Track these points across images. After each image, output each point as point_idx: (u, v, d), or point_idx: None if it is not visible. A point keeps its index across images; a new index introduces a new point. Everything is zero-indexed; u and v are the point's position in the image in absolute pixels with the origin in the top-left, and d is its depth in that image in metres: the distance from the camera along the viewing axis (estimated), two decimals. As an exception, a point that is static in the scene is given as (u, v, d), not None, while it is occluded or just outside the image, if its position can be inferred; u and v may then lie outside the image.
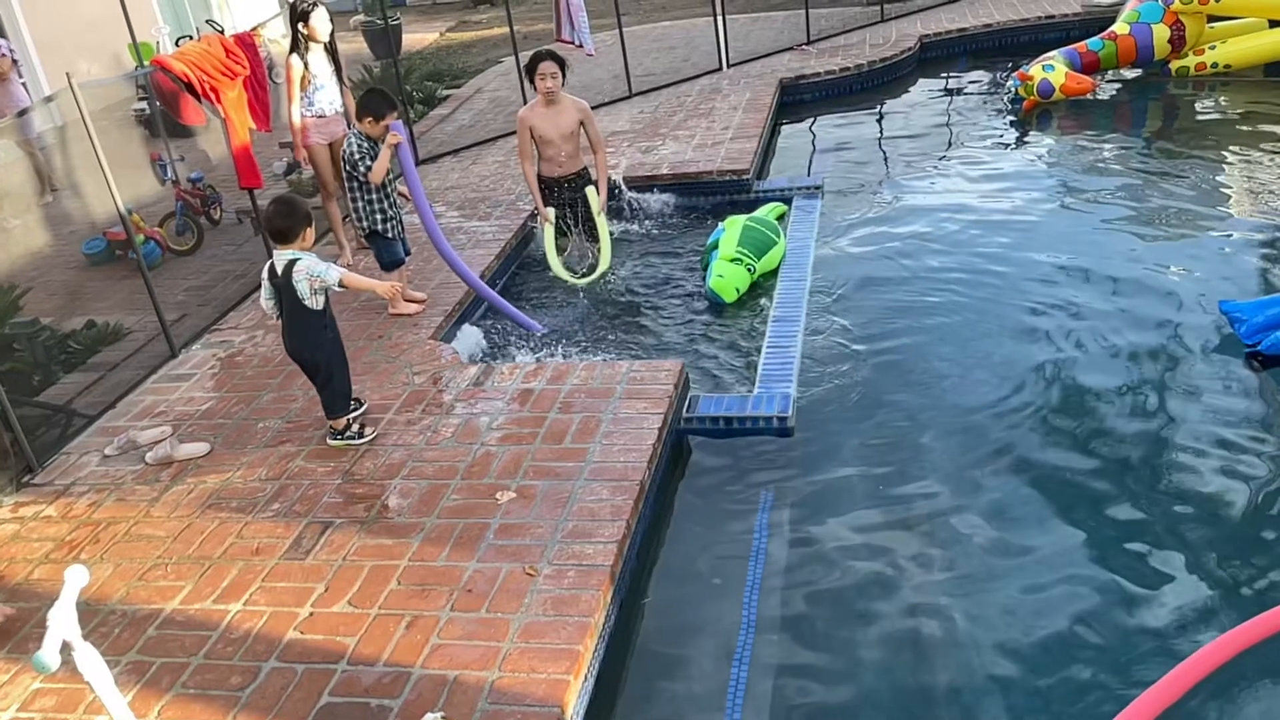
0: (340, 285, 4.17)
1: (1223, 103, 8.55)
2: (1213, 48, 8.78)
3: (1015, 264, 5.95)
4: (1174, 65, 8.90)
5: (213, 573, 3.68)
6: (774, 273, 6.11)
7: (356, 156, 5.30)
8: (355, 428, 4.44)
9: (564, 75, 6.14)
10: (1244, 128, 7.88)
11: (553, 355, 5.37)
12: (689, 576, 3.80)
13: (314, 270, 4.12)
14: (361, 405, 4.57)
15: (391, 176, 5.46)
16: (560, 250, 6.48)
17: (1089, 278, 5.64)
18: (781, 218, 6.90)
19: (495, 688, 2.99)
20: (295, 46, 6.14)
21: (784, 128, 9.29)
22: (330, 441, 4.43)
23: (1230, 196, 6.67)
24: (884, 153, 8.33)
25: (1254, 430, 4.24)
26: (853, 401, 4.76)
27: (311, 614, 3.40)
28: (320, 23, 6.09)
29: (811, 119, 9.46)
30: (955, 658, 3.28)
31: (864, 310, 5.62)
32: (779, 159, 8.57)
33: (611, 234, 6.64)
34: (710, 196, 7.51)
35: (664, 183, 7.54)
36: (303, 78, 6.11)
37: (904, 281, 5.93)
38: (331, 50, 6.27)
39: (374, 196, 5.39)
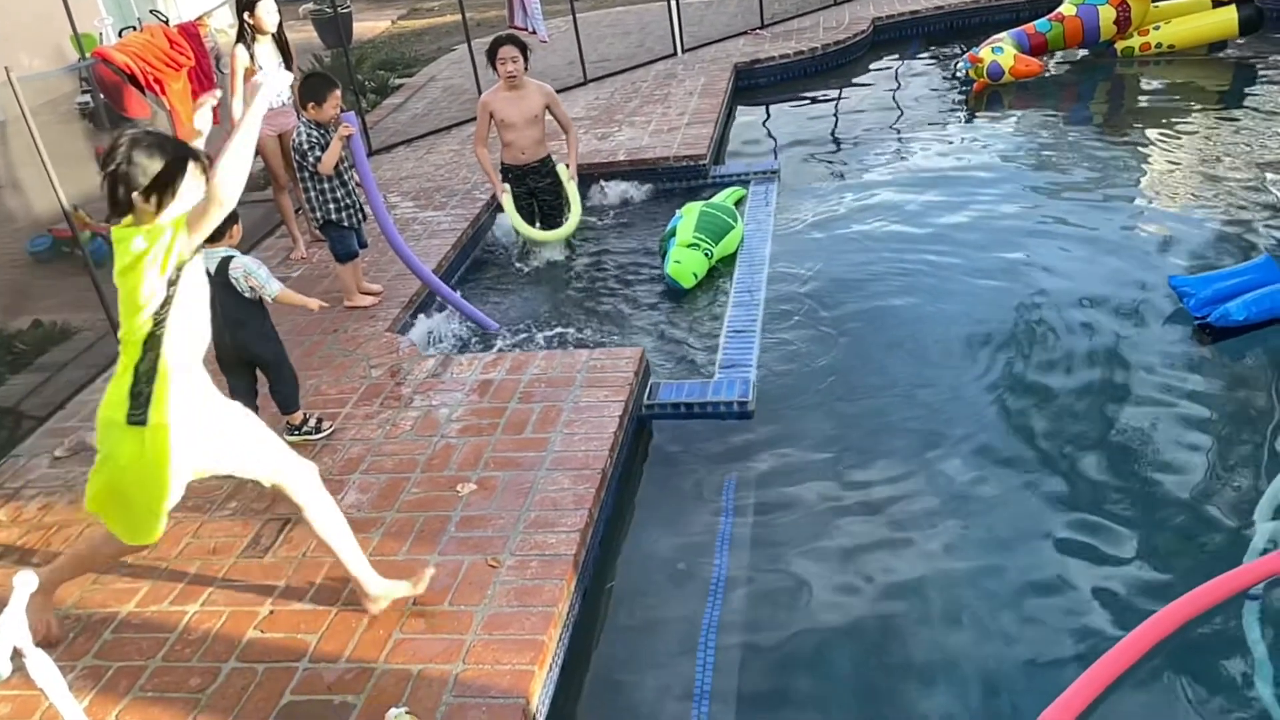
0: (274, 299, 4.12)
1: (1168, 82, 8.69)
2: (1157, 28, 8.92)
3: (970, 245, 6.02)
4: (1120, 46, 9.03)
5: (169, 574, 3.62)
6: (732, 257, 6.12)
7: (305, 146, 5.22)
8: (313, 422, 4.39)
9: (526, 60, 6.11)
10: (1189, 106, 8.03)
11: (512, 345, 5.35)
12: (653, 563, 3.81)
13: (253, 271, 4.08)
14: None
15: (347, 165, 5.39)
16: (526, 237, 6.47)
17: (1042, 257, 5.72)
18: (739, 202, 6.92)
19: (459, 681, 2.98)
20: (241, 36, 6.02)
21: (740, 112, 9.30)
22: (286, 438, 4.36)
23: (1177, 173, 6.79)
24: (839, 136, 8.37)
25: (1203, 400, 4.33)
26: (814, 383, 4.79)
27: (272, 612, 3.37)
28: (267, 13, 5.97)
29: (767, 103, 9.47)
30: (921, 633, 3.32)
31: (822, 292, 5.65)
32: (735, 144, 8.58)
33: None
34: (667, 182, 7.51)
35: (621, 169, 7.52)
36: (247, 69, 5.99)
37: (861, 263, 5.97)
38: (279, 41, 6.15)
39: (325, 186, 5.31)
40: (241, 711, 2.97)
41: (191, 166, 2.72)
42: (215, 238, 4.09)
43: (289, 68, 6.20)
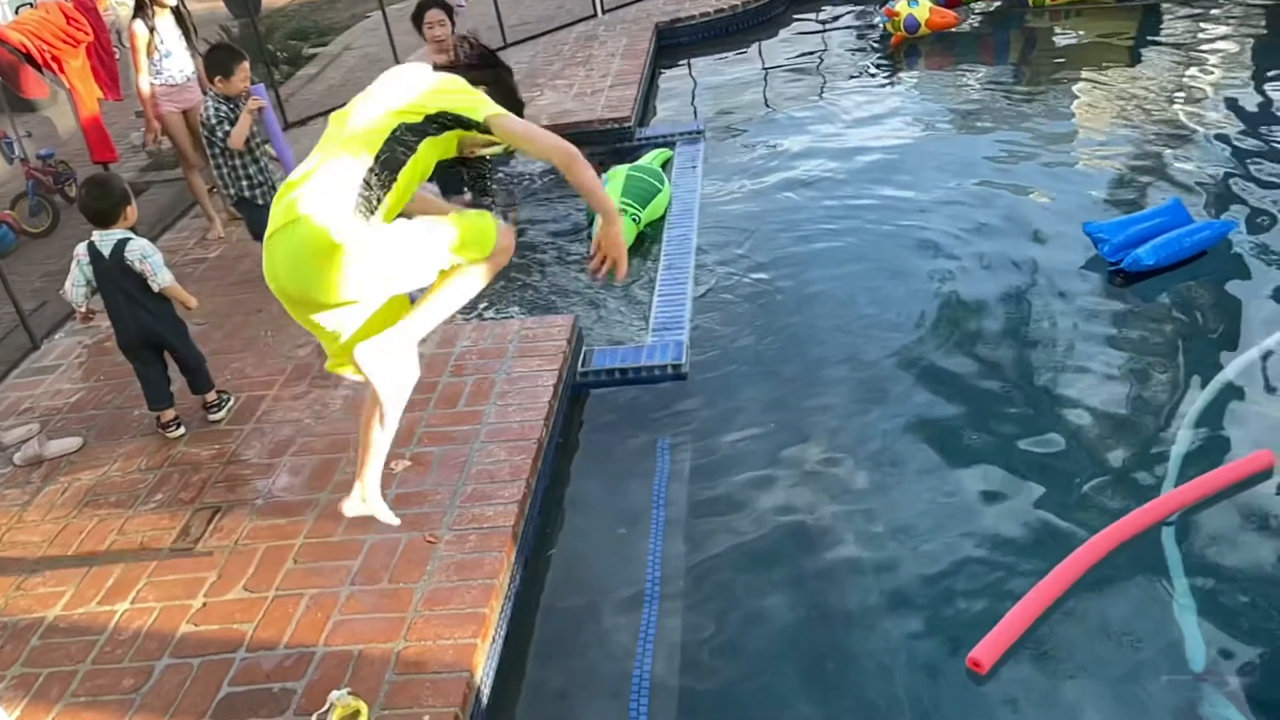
0: (161, 288, 4.02)
1: (1078, 31, 8.86)
2: (1068, -23, 9.07)
3: (894, 198, 6.08)
4: (1032, -4, 9.17)
5: (96, 573, 3.51)
6: (661, 220, 6.10)
7: (214, 122, 5.04)
8: (222, 395, 4.33)
9: (453, 23, 6.01)
10: (1099, 54, 8.20)
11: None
12: (594, 529, 3.82)
13: (149, 256, 3.98)
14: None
15: (259, 140, 5.23)
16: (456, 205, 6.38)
17: (964, 208, 5.81)
18: (665, 164, 6.88)
19: (401, 658, 2.97)
20: (140, 11, 5.78)
21: (663, 72, 9.24)
22: (213, 418, 4.27)
23: (1089, 120, 6.94)
24: (763, 93, 8.37)
25: (1119, 342, 4.47)
26: (748, 343, 4.82)
27: (205, 604, 3.30)
28: (166, -16, 5.74)
29: (690, 62, 9.43)
30: (859, 582, 3.38)
31: (753, 251, 5.68)
32: (660, 104, 8.54)
33: (499, 180, 6.59)
34: (592, 146, 7.43)
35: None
36: (148, 44, 5.77)
37: (790, 220, 6.01)
38: (180, 14, 5.94)
39: (237, 163, 5.14)
40: (179, 708, 2.91)
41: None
42: (109, 222, 3.98)
43: (190, 42, 5.99)
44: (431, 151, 2.62)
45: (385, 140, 2.52)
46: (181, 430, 4.25)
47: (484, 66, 2.90)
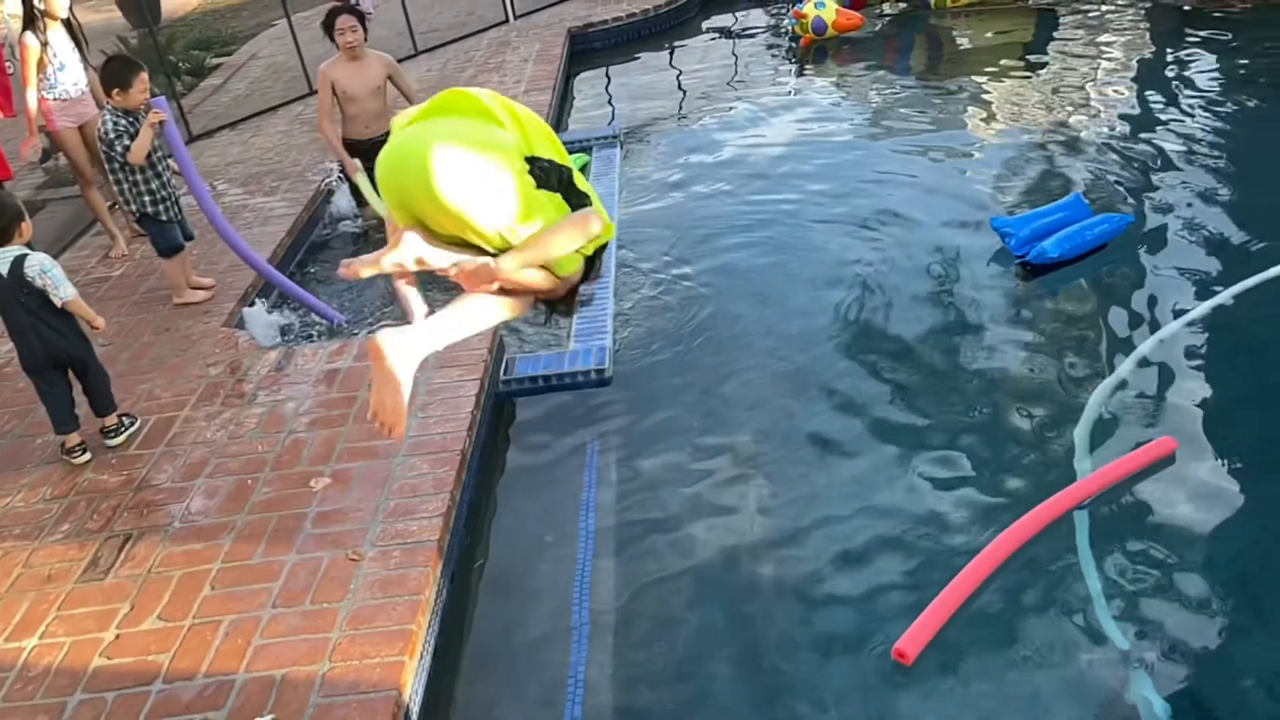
0: (64, 304, 3.90)
1: (979, 32, 9.15)
2: (968, -22, 9.35)
3: (809, 195, 6.19)
4: (934, -2, 9.44)
5: (2, 608, 3.35)
6: (579, 226, 6.09)
7: (112, 136, 4.86)
8: (125, 421, 4.20)
9: (365, 29, 5.92)
10: (999, 54, 8.48)
11: (358, 332, 5.18)
12: (521, 539, 3.79)
13: (49, 270, 3.85)
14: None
15: (161, 155, 5.06)
16: (370, 218, 6.24)
17: (874, 206, 5.94)
18: (583, 169, 6.88)
19: (327, 680, 2.90)
20: (30, 23, 5.56)
21: (578, 77, 9.25)
22: (110, 443, 4.13)
23: (991, 118, 7.16)
24: (678, 97, 8.44)
25: (1028, 331, 4.62)
26: (672, 344, 4.84)
27: (118, 636, 3.17)
28: (57, -5, 5.54)
29: (604, 67, 9.45)
30: (790, 576, 3.42)
31: (674, 253, 5.71)
32: (576, 110, 8.54)
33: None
34: (509, 153, 7.38)
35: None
36: (40, 59, 5.55)
37: (709, 222, 6.06)
38: (71, 26, 5.73)
39: (138, 177, 4.96)
40: (92, 744, 2.81)
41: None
42: (4, 239, 3.86)
43: (83, 54, 5.79)
44: (539, 202, 2.42)
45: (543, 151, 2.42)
46: (87, 456, 4.09)
47: None
